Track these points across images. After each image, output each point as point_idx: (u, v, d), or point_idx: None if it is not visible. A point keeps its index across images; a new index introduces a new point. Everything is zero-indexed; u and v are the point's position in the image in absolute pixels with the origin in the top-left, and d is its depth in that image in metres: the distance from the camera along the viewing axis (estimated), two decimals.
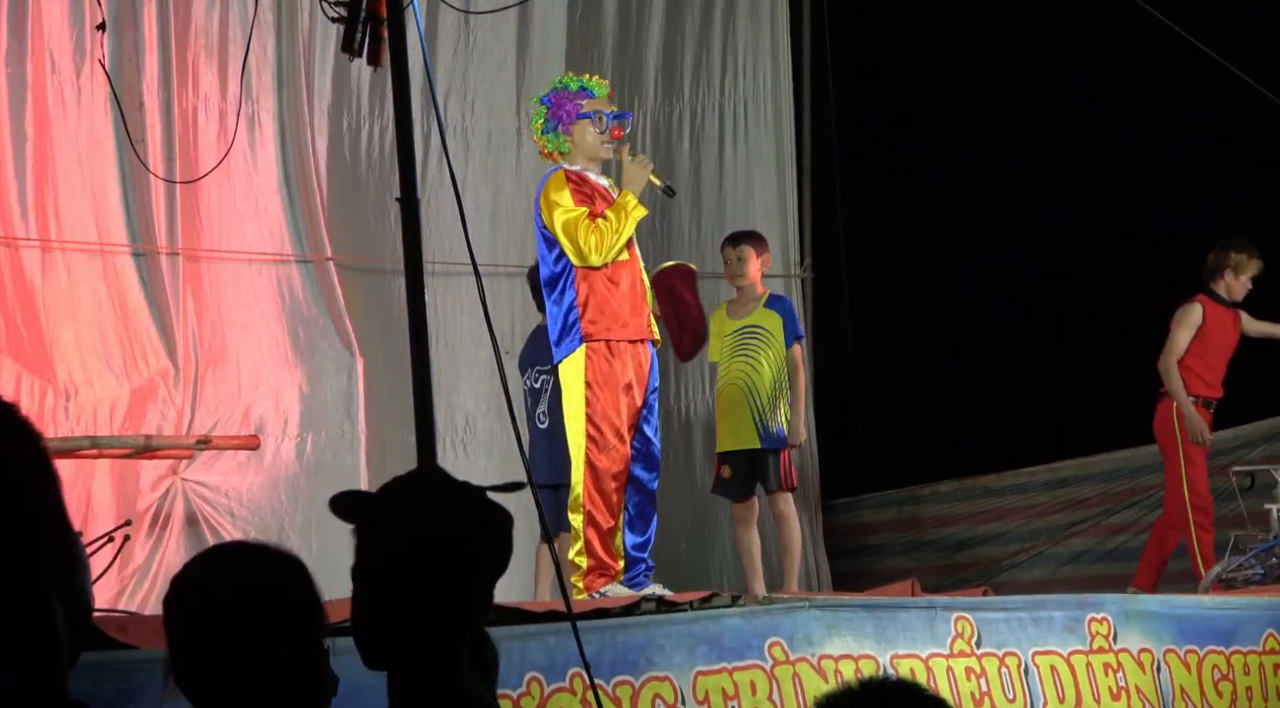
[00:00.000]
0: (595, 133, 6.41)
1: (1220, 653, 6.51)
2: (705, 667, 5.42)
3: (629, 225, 6.30)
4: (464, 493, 2.50)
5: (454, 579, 2.41)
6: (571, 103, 6.42)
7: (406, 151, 4.77)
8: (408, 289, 4.68)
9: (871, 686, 1.99)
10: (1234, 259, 8.25)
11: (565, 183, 6.33)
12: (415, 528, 2.41)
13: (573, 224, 6.24)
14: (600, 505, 6.26)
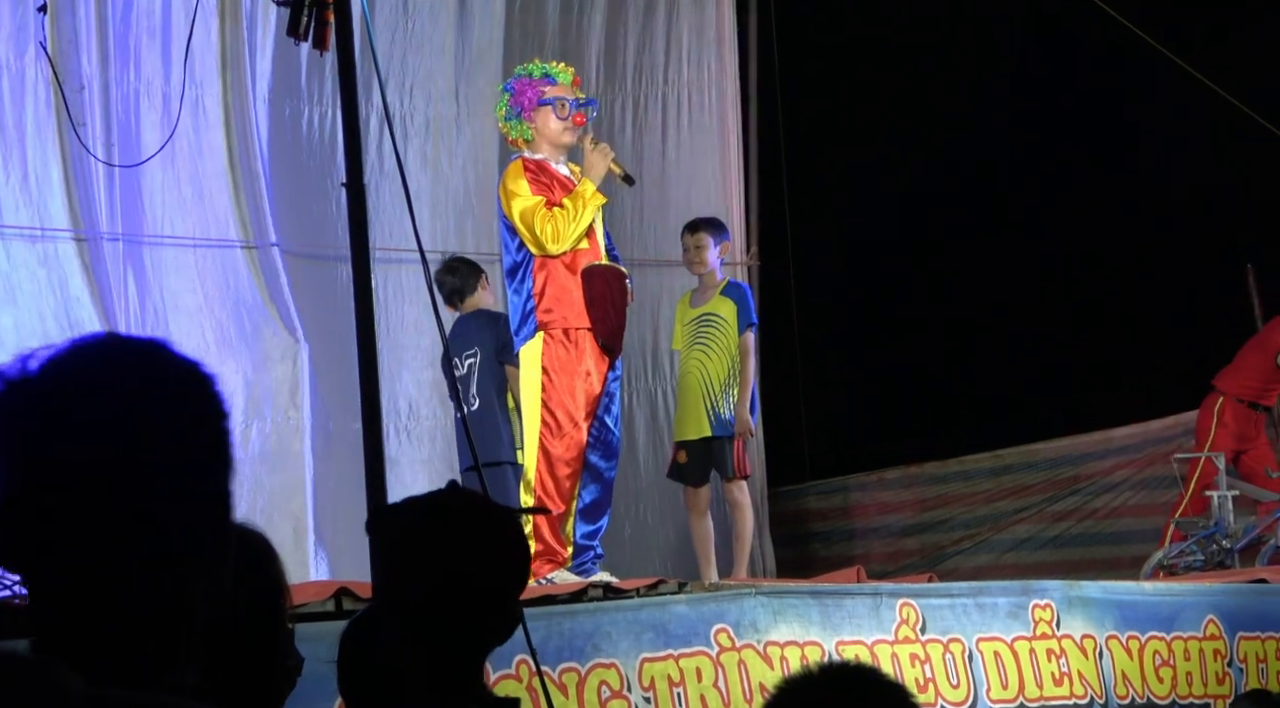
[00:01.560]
0: (557, 120, 6.41)
1: (1161, 639, 6.57)
2: (651, 654, 5.42)
3: (587, 213, 6.31)
4: (490, 515, 2.48)
5: (481, 607, 2.39)
6: (533, 89, 6.41)
7: (353, 137, 4.73)
8: (354, 276, 4.66)
9: (831, 670, 1.99)
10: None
11: (523, 172, 6.33)
12: (446, 559, 2.38)
13: (530, 213, 6.24)
14: (552, 492, 6.26)
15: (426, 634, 2.34)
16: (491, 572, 2.39)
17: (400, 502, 2.53)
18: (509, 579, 2.42)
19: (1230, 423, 8.36)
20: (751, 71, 10.11)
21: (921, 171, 11.14)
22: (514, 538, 2.46)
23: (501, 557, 2.41)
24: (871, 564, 8.87)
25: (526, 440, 6.35)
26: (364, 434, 4.45)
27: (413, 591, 2.36)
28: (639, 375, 9.28)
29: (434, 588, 2.34)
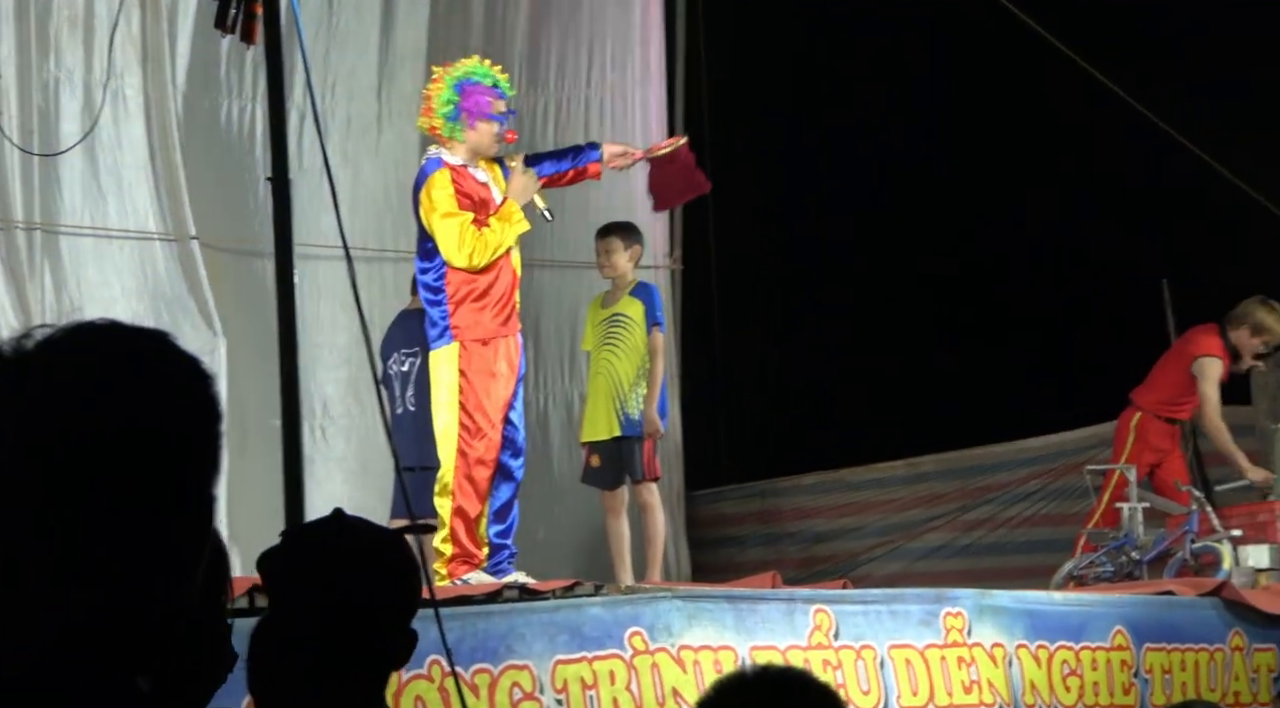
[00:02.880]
0: (494, 135, 6.42)
1: (1070, 648, 6.64)
2: (565, 656, 5.43)
3: (511, 236, 6.33)
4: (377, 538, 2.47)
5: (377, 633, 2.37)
6: (484, 99, 6.39)
7: (278, 131, 4.70)
8: (277, 271, 4.63)
9: (763, 673, 2.01)
10: (1259, 318, 8.33)
11: (449, 182, 6.30)
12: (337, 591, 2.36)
13: (456, 228, 6.23)
14: (469, 493, 6.26)
15: (324, 663, 2.33)
16: (384, 597, 2.38)
17: (284, 537, 2.51)
18: (402, 603, 2.42)
19: (1147, 437, 8.46)
20: (678, 75, 10.12)
21: (846, 177, 11.20)
22: (403, 562, 2.45)
23: (393, 582, 2.41)
24: (786, 570, 8.90)
25: (443, 444, 6.33)
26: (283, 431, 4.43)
27: (307, 624, 2.35)
28: (555, 378, 9.27)
29: (328, 620, 2.33)
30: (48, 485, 1.33)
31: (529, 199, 6.43)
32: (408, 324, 7.50)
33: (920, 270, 11.16)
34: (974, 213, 11.12)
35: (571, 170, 6.75)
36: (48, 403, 1.34)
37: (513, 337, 6.44)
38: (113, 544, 1.34)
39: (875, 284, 11.28)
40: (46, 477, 1.33)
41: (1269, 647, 7.22)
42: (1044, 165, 11.00)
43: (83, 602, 1.34)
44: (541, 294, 9.15)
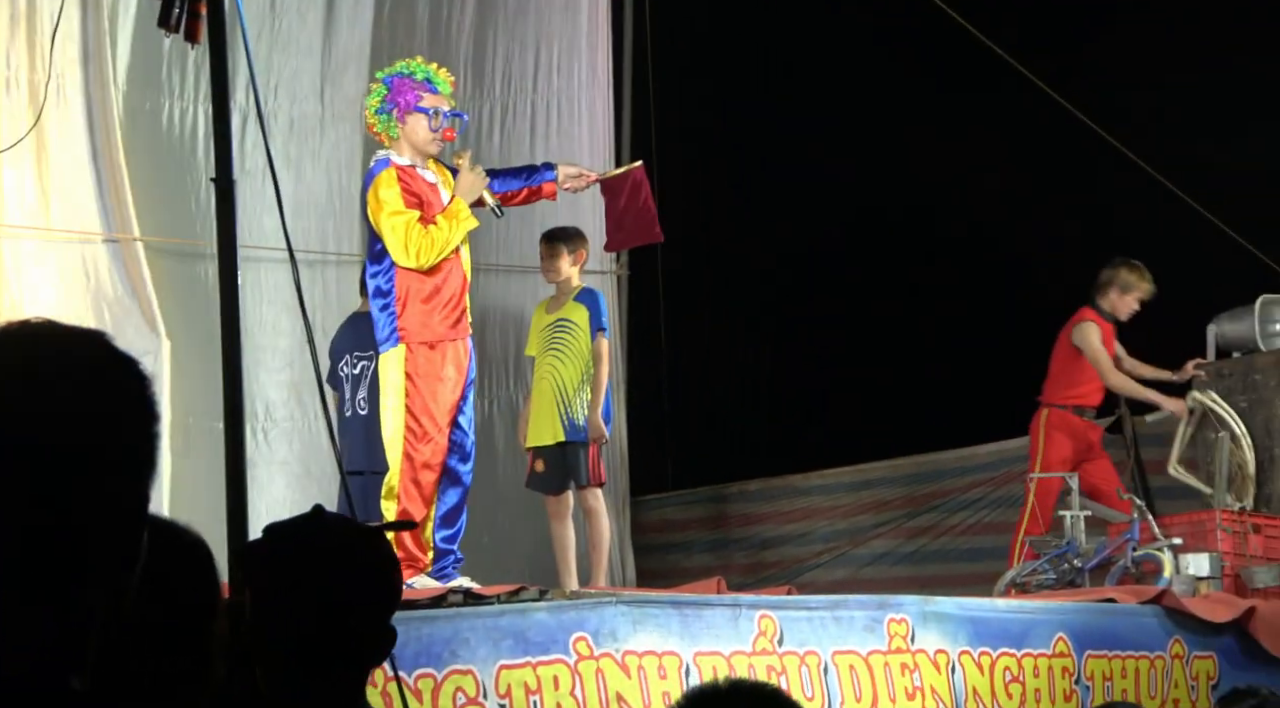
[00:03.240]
0: (428, 130, 6.37)
1: (1012, 655, 6.66)
2: (509, 661, 5.41)
3: (459, 234, 6.30)
4: (355, 535, 2.46)
5: (356, 629, 2.37)
6: (412, 93, 6.37)
7: (224, 133, 4.67)
8: (221, 273, 4.59)
9: (737, 688, 2.01)
10: (1124, 278, 8.47)
11: (395, 181, 6.28)
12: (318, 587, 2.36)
13: (403, 226, 6.21)
14: (415, 497, 6.24)
15: (305, 661, 2.32)
16: (364, 594, 2.38)
17: (263, 535, 2.50)
18: (382, 599, 2.41)
19: (1059, 433, 8.44)
20: (626, 81, 10.12)
21: (797, 184, 11.23)
22: (383, 558, 2.45)
23: (372, 578, 2.41)
24: (732, 576, 8.92)
25: (389, 447, 6.31)
26: (225, 433, 4.39)
27: (288, 622, 2.33)
28: (500, 383, 9.25)
29: (309, 617, 2.33)
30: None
31: (477, 196, 6.41)
32: (359, 327, 7.49)
33: (868, 279, 11.20)
34: (923, 222, 11.17)
35: (525, 189, 6.73)
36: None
37: (462, 340, 6.42)
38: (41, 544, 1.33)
39: (824, 291, 11.31)
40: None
41: (1208, 655, 7.27)
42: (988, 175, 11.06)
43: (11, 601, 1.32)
44: (486, 299, 9.13)
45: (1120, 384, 8.46)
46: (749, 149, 11.33)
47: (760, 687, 2.05)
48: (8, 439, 1.32)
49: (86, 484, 1.34)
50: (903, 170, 11.12)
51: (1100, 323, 8.51)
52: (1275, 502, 8.46)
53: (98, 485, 1.35)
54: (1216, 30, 10.49)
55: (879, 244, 11.18)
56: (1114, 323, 8.61)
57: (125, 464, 1.38)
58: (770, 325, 11.23)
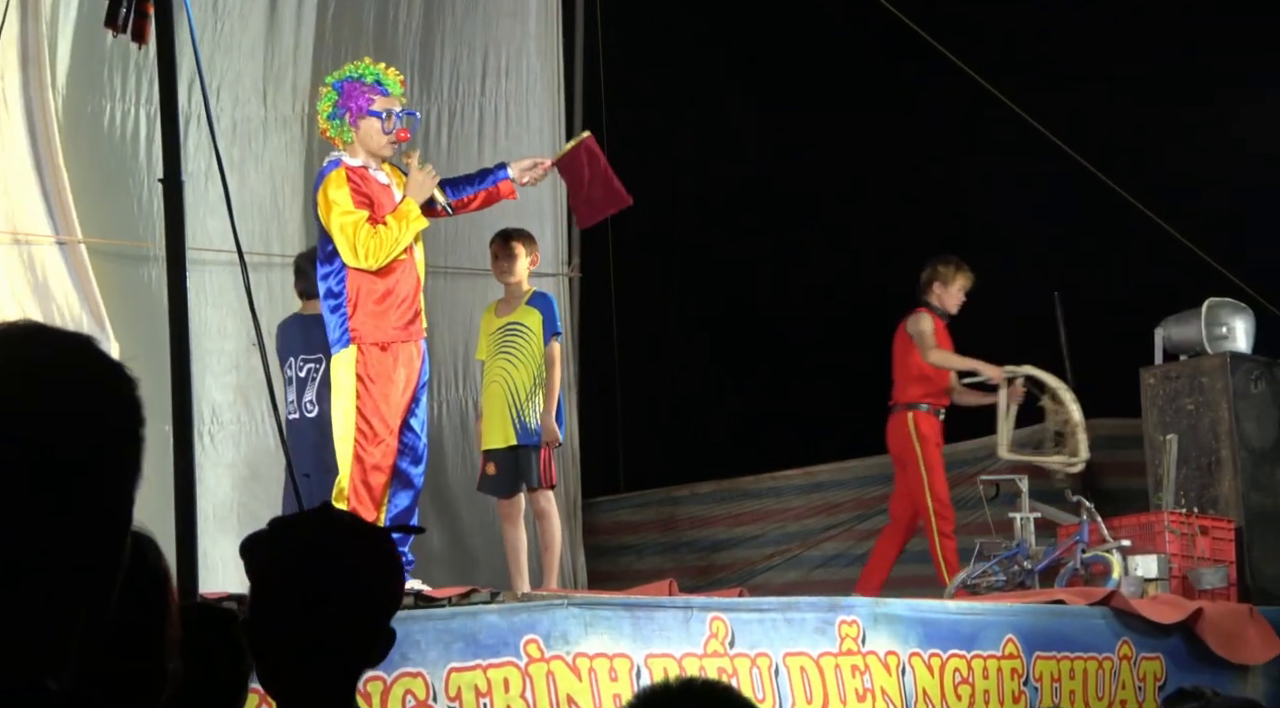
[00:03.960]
0: (382, 133, 6.35)
1: (962, 657, 6.69)
2: (460, 663, 5.39)
3: (409, 234, 6.27)
4: (365, 535, 2.44)
5: (358, 629, 2.35)
6: (364, 97, 6.35)
7: (171, 133, 4.64)
8: (169, 274, 4.56)
9: (688, 687, 2.01)
10: (941, 272, 8.55)
11: (345, 181, 6.25)
12: (322, 583, 2.34)
13: (352, 227, 6.18)
14: (365, 500, 6.22)
15: (304, 657, 2.31)
16: (367, 594, 2.37)
17: (270, 527, 2.49)
18: (385, 601, 2.40)
19: (929, 436, 8.43)
20: (576, 82, 10.10)
21: (746, 189, 11.25)
22: (389, 559, 2.43)
23: (377, 578, 2.40)
24: (683, 578, 8.92)
25: (340, 448, 6.29)
26: (175, 436, 4.37)
27: (286, 611, 2.32)
28: (449, 385, 9.22)
29: (307, 608, 2.31)
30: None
31: (428, 196, 6.38)
32: (308, 329, 7.47)
33: (820, 279, 11.23)
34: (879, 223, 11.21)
35: (482, 192, 6.70)
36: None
37: (414, 342, 6.40)
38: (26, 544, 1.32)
39: (773, 293, 11.34)
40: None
41: (1155, 656, 7.33)
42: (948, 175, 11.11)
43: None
44: (435, 301, 9.10)
45: (939, 360, 8.45)
46: (701, 151, 11.35)
47: (712, 684, 2.04)
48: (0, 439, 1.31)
49: (77, 486, 1.34)
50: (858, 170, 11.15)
51: (931, 315, 8.54)
52: (1222, 504, 8.53)
53: (87, 487, 1.35)
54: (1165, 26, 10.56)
55: (834, 245, 11.21)
56: (946, 318, 8.61)
57: (114, 466, 1.38)
58: (722, 328, 11.25)
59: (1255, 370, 8.76)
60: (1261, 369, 8.78)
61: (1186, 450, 8.63)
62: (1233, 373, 8.63)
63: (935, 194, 11.18)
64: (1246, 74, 10.40)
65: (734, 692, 2.04)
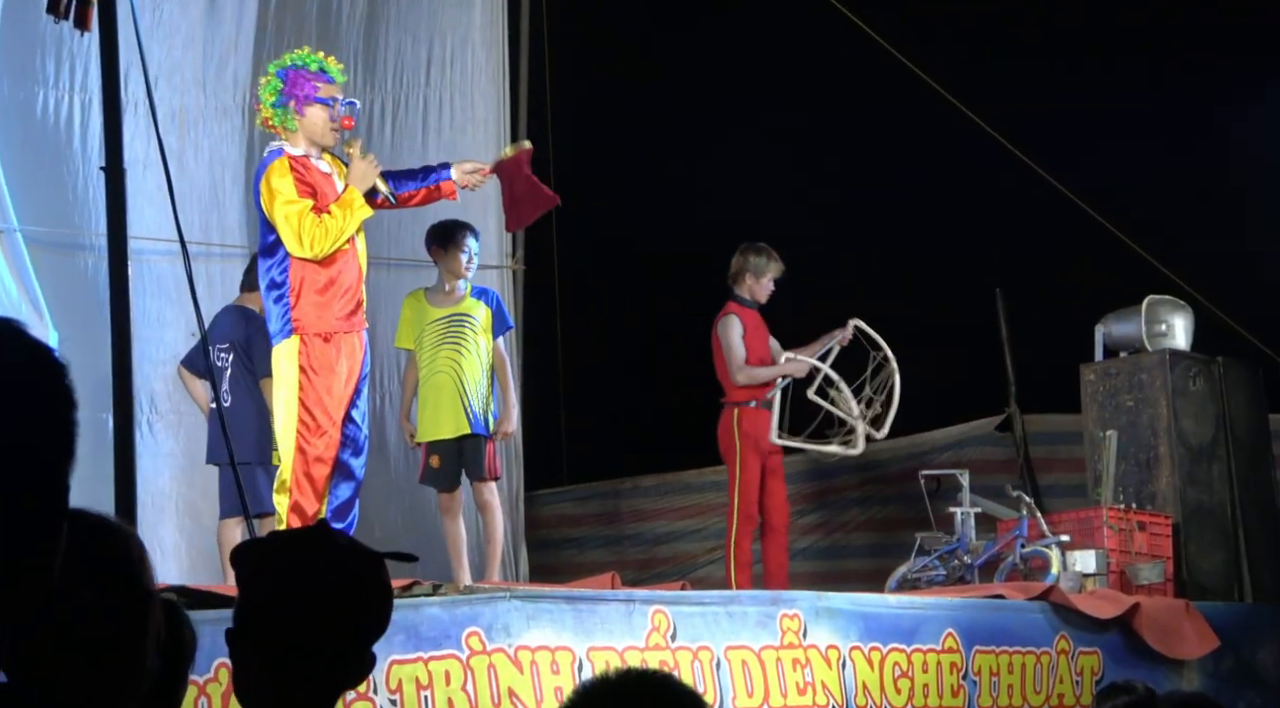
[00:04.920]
0: (326, 120, 6.32)
1: (902, 651, 6.72)
2: (401, 656, 5.37)
3: (353, 223, 6.23)
4: (362, 560, 2.42)
5: (342, 650, 2.33)
6: (309, 84, 6.31)
7: (114, 121, 4.60)
8: (110, 262, 4.52)
9: (628, 677, 2.00)
10: (754, 262, 8.38)
11: (288, 170, 6.21)
12: (312, 602, 2.32)
13: (296, 216, 6.14)
14: (307, 491, 6.18)
15: (283, 671, 2.29)
16: (356, 617, 2.35)
17: (267, 538, 2.48)
18: (373, 624, 2.38)
19: (750, 433, 8.28)
20: (522, 73, 10.07)
21: (689, 182, 11.25)
22: (380, 583, 2.41)
23: (367, 602, 2.37)
24: (626, 571, 8.93)
25: (282, 440, 6.25)
26: (115, 425, 4.34)
27: (275, 629, 2.30)
28: (390, 377, 9.18)
29: (298, 628, 2.29)
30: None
31: (370, 184, 6.35)
32: (224, 320, 7.44)
33: None
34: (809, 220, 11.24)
35: (424, 190, 6.67)
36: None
37: (357, 333, 6.36)
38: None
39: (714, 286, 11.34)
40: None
41: (1093, 650, 7.38)
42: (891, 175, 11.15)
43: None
44: (377, 293, 9.05)
45: (746, 380, 8.28)
46: (646, 142, 11.35)
47: (650, 674, 2.04)
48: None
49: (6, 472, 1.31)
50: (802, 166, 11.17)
51: (742, 312, 8.42)
52: (1160, 500, 8.60)
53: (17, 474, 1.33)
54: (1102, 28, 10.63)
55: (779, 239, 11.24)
56: (758, 308, 8.50)
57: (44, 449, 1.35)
58: (665, 321, 11.25)
59: (1194, 368, 8.84)
60: (1200, 367, 8.86)
61: (1125, 447, 8.70)
62: (1172, 370, 8.70)
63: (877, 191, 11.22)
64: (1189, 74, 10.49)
65: (672, 679, 2.04)
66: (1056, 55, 11.02)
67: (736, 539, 8.18)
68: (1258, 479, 9.06)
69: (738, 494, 8.21)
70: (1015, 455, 10.22)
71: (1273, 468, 9.27)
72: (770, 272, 8.37)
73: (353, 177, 6.33)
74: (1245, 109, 10.80)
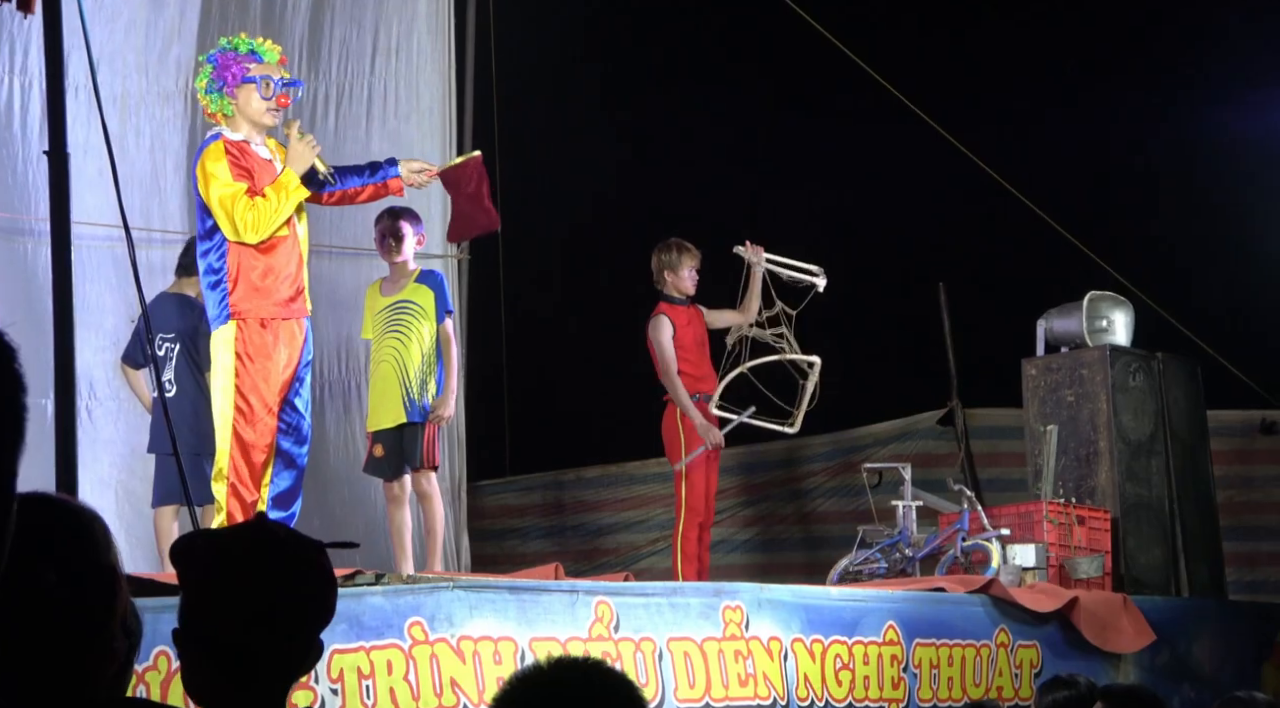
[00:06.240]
0: (261, 99, 6.26)
1: (843, 643, 6.74)
2: (343, 645, 5.35)
3: (289, 205, 6.18)
4: (304, 550, 2.41)
5: (290, 641, 2.33)
6: (239, 65, 6.26)
7: (58, 105, 4.56)
8: (53, 247, 4.49)
9: (560, 665, 2.01)
10: (666, 260, 8.38)
11: (223, 154, 6.17)
12: (258, 595, 2.31)
13: (230, 199, 6.10)
14: (245, 479, 6.14)
15: (234, 667, 2.27)
16: (302, 608, 2.35)
17: (206, 536, 2.46)
18: (319, 614, 2.37)
19: (693, 427, 8.21)
20: (468, 62, 10.04)
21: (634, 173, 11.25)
22: (324, 573, 2.41)
23: (312, 592, 2.37)
24: (569, 562, 8.91)
25: (218, 427, 6.21)
26: (56, 411, 4.29)
27: (222, 625, 2.29)
28: (331, 366, 9.15)
29: (245, 624, 2.28)
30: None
31: (308, 166, 6.30)
32: (168, 308, 7.38)
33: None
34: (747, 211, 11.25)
35: (370, 186, 6.64)
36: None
37: (296, 320, 6.32)
38: None
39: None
40: None
41: (1032, 643, 7.43)
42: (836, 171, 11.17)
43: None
44: (318, 281, 8.99)
45: (670, 390, 8.29)
46: (592, 133, 11.33)
47: (582, 662, 2.05)
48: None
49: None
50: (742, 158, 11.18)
51: (672, 311, 8.39)
52: (1099, 494, 8.67)
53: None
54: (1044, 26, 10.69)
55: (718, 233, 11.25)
56: (687, 302, 8.45)
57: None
58: (609, 311, 11.24)
59: (1134, 363, 8.91)
60: (1140, 362, 8.93)
61: (1066, 441, 8.75)
62: (1112, 366, 8.77)
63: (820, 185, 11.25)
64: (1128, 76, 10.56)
65: (603, 666, 2.04)
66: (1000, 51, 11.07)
67: (684, 532, 8.18)
68: (1196, 475, 9.15)
69: (685, 488, 8.21)
70: (957, 449, 10.28)
71: (1210, 464, 9.36)
72: (685, 264, 8.37)
73: (290, 157, 6.28)
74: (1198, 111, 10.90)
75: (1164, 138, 10.99)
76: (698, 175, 11.31)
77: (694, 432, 8.21)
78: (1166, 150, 11.11)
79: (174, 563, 2.38)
